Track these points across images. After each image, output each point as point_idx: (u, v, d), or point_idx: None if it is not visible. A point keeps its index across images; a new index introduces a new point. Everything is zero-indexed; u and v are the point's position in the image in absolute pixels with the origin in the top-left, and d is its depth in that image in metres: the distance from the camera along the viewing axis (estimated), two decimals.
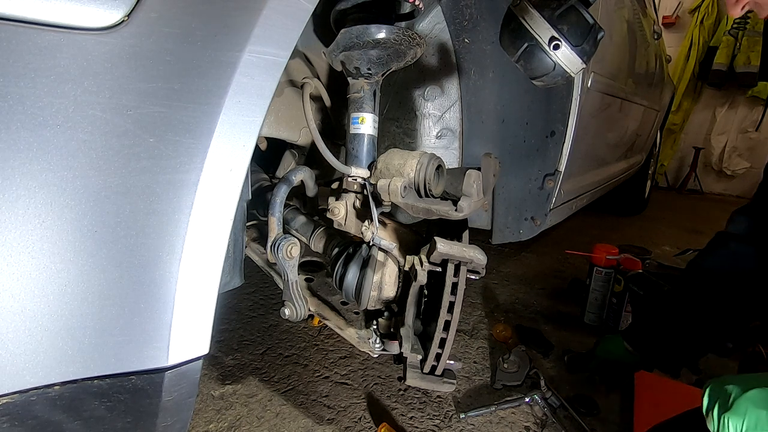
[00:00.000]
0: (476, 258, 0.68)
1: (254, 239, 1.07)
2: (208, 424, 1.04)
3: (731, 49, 4.56)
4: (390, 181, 0.73)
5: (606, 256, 1.54)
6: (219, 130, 0.42)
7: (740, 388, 0.56)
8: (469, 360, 1.34)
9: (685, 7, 5.07)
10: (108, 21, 0.36)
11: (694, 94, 5.13)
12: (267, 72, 0.45)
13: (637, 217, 3.54)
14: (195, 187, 0.41)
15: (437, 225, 0.86)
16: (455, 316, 0.67)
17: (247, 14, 0.43)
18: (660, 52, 2.71)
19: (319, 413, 1.08)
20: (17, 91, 0.33)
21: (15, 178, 0.33)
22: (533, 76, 0.71)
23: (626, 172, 2.53)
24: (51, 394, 0.37)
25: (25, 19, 0.33)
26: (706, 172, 5.29)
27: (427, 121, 1.14)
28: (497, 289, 1.89)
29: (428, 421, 1.07)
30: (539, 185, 1.22)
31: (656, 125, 3.11)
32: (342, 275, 0.81)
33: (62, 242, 0.36)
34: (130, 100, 0.37)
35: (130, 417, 0.42)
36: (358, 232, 0.82)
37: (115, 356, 0.40)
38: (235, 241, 0.64)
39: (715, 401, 0.57)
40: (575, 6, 0.64)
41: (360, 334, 0.82)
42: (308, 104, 0.79)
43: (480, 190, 0.70)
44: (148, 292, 0.40)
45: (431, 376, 0.74)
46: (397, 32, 0.71)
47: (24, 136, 0.33)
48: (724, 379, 0.59)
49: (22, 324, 0.35)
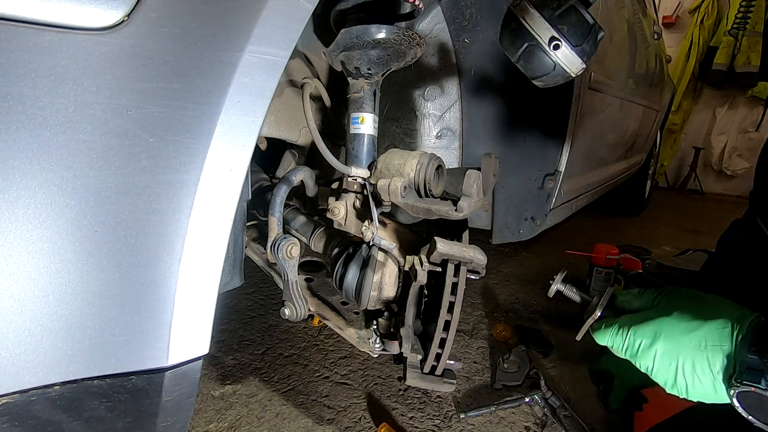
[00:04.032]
0: (476, 258, 0.68)
1: (254, 239, 1.07)
2: (208, 424, 1.04)
3: (731, 49, 4.56)
4: (390, 181, 0.73)
5: (606, 256, 1.54)
6: (219, 130, 0.42)
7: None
8: (469, 360, 1.34)
9: (685, 7, 5.08)
10: (108, 21, 0.36)
11: (694, 94, 5.14)
12: (267, 72, 0.45)
13: (637, 217, 3.54)
14: (195, 187, 0.41)
15: (437, 225, 0.86)
16: (455, 316, 0.67)
17: (247, 14, 0.43)
18: (660, 52, 2.71)
19: (319, 413, 1.08)
20: (17, 91, 0.33)
21: (15, 178, 0.33)
22: (533, 76, 0.71)
23: (626, 172, 2.53)
24: (51, 394, 0.37)
25: (25, 19, 0.33)
26: (706, 172, 5.29)
27: (427, 121, 1.14)
28: (497, 289, 1.89)
29: (428, 421, 1.07)
30: (539, 185, 1.22)
31: (656, 125, 3.11)
32: (342, 275, 0.81)
33: (62, 242, 0.36)
34: (130, 100, 0.37)
35: (130, 417, 0.42)
36: (358, 232, 0.82)
37: (115, 356, 0.40)
38: (235, 241, 0.64)
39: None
40: (575, 6, 0.64)
41: (360, 334, 0.82)
42: (308, 104, 0.79)
43: (480, 190, 0.70)
44: (148, 292, 0.40)
45: (431, 376, 0.74)
46: (397, 32, 0.71)
47: (24, 136, 0.33)
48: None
49: (22, 324, 0.35)
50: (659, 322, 0.52)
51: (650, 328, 0.52)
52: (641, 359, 0.53)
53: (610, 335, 0.56)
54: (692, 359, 0.48)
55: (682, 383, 0.49)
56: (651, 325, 0.53)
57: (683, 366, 0.48)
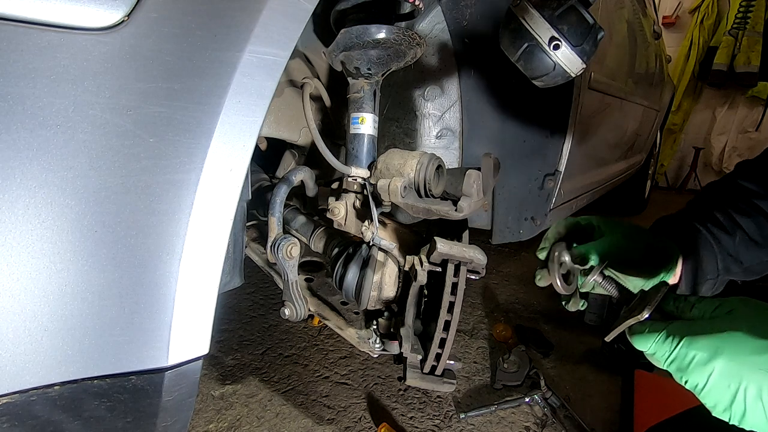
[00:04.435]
0: (476, 258, 0.68)
1: (254, 239, 1.07)
2: (208, 424, 1.04)
3: (731, 49, 4.56)
4: (390, 181, 0.73)
5: None
6: (219, 130, 0.42)
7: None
8: (469, 360, 1.34)
9: (685, 7, 5.07)
10: (108, 21, 0.36)
11: (694, 94, 5.13)
12: (267, 72, 0.45)
13: (637, 217, 3.54)
14: (195, 187, 0.41)
15: (437, 225, 0.86)
16: (455, 316, 0.67)
17: (247, 14, 0.43)
18: (660, 52, 2.71)
19: (319, 413, 1.08)
20: (17, 91, 0.33)
21: (15, 178, 0.33)
22: (533, 76, 0.71)
23: (626, 172, 2.53)
24: (51, 394, 0.37)
25: (25, 19, 0.33)
26: (706, 172, 5.29)
27: (427, 121, 1.14)
28: (497, 289, 1.89)
29: (428, 421, 1.07)
30: (539, 185, 1.22)
31: (656, 125, 3.11)
32: (342, 275, 0.81)
33: (62, 242, 0.36)
34: (130, 100, 0.37)
35: (130, 417, 0.42)
36: (358, 232, 0.82)
37: (115, 356, 0.40)
38: (235, 241, 0.64)
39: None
40: (575, 6, 0.64)
41: (360, 334, 0.81)
42: (308, 104, 0.79)
43: (480, 190, 0.70)
44: (148, 292, 0.40)
45: (431, 376, 0.74)
46: (397, 32, 0.71)
47: (24, 136, 0.33)
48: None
49: (22, 324, 0.35)
50: (723, 337, 0.46)
51: (710, 342, 0.46)
52: (692, 375, 0.46)
53: (656, 342, 0.50)
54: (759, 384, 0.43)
55: (738, 408, 0.44)
56: (712, 338, 0.46)
57: (746, 390, 0.43)
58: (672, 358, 0.48)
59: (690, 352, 0.47)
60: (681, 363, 0.48)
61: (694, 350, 0.47)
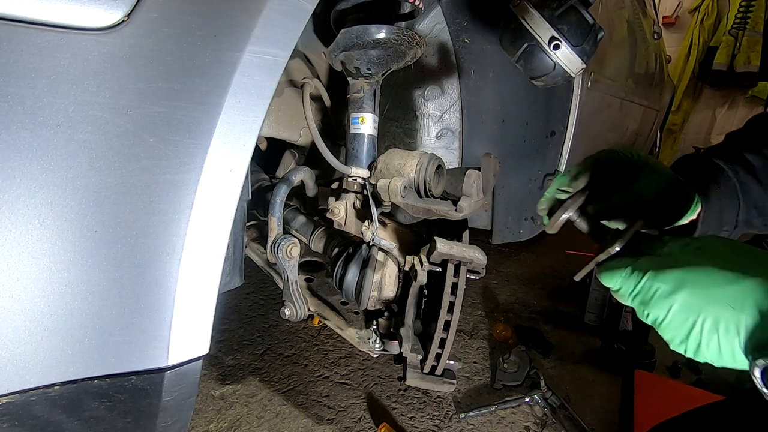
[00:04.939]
0: (476, 258, 0.68)
1: (254, 239, 1.07)
2: (208, 424, 1.04)
3: (731, 49, 4.56)
4: (390, 181, 0.73)
5: None
6: (219, 130, 0.42)
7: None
8: (469, 360, 1.34)
9: (685, 7, 5.07)
10: (108, 21, 0.36)
11: (694, 94, 5.13)
12: (267, 72, 0.45)
13: None
14: (195, 187, 0.41)
15: (437, 225, 0.86)
16: (455, 316, 0.67)
17: (247, 14, 0.43)
18: (660, 52, 2.71)
19: (319, 413, 1.08)
20: (17, 91, 0.33)
21: (15, 178, 0.33)
22: (533, 76, 0.71)
23: None
24: (51, 394, 0.37)
25: (25, 19, 0.33)
26: None
27: (427, 121, 1.14)
28: (497, 289, 1.89)
29: (428, 421, 1.07)
30: (539, 185, 1.22)
31: (656, 125, 3.10)
32: (342, 275, 0.81)
33: (62, 242, 0.36)
34: (130, 100, 0.37)
35: (130, 417, 0.42)
36: (358, 232, 0.82)
37: (115, 356, 0.39)
38: (235, 241, 0.64)
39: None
40: (575, 6, 0.64)
41: (360, 334, 0.81)
42: (308, 104, 0.79)
43: (480, 190, 0.70)
44: (148, 292, 0.40)
45: (431, 376, 0.74)
46: (397, 32, 0.71)
47: (24, 136, 0.33)
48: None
49: (22, 324, 0.35)
50: (688, 270, 0.43)
51: (675, 275, 0.44)
52: (652, 308, 0.44)
53: (621, 277, 0.47)
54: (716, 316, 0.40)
55: (694, 341, 0.42)
56: (677, 272, 0.44)
57: (703, 322, 0.41)
58: (636, 291, 0.46)
59: (654, 285, 0.45)
60: (644, 296, 0.45)
61: (658, 283, 0.45)
